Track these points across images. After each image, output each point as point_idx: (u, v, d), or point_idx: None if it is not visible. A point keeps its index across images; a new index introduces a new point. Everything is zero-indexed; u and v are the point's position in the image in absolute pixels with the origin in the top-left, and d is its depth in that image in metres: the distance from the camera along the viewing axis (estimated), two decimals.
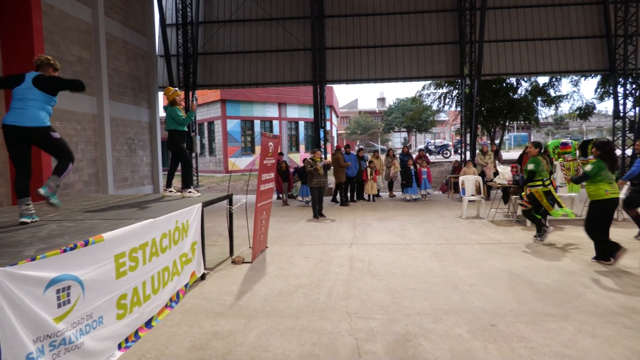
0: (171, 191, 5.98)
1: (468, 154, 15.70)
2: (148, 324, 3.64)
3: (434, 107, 25.38)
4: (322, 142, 16.08)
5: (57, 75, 4.01)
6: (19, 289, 2.36)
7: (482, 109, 20.13)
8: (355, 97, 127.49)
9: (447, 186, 13.98)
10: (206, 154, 28.01)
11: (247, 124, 27.34)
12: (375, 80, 16.64)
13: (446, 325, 3.58)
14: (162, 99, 25.63)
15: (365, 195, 12.89)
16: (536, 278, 4.84)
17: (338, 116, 45.49)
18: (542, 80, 21.98)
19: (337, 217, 9.77)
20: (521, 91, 22.24)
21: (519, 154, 11.18)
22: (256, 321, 3.75)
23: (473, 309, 3.93)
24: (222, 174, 25.72)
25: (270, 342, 3.34)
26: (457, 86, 20.60)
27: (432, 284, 4.70)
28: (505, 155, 20.05)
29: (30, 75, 3.76)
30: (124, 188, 12.37)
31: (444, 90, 22.71)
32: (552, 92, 22.27)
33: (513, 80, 21.33)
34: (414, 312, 3.90)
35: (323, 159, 10.14)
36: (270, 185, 6.51)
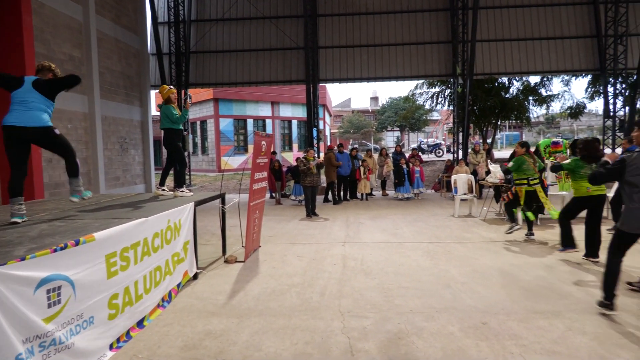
0: (164, 190, 5.95)
1: (460, 152, 15.80)
2: (140, 323, 3.62)
3: (427, 106, 25.54)
4: (315, 141, 16.08)
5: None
6: (8, 289, 2.33)
7: (474, 108, 20.28)
8: (348, 96, 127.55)
9: (439, 185, 14.04)
10: (199, 153, 27.89)
11: (240, 123, 27.26)
12: (368, 79, 16.68)
13: (438, 324, 3.60)
14: (155, 98, 25.59)
15: (359, 194, 12.91)
16: (527, 276, 4.88)
17: (331, 115, 45.52)
18: (533, 79, 22.28)
19: (330, 216, 9.77)
20: (513, 90, 22.49)
21: (510, 153, 11.25)
22: (249, 320, 3.75)
23: (465, 307, 3.96)
24: (214, 173, 25.61)
25: (263, 341, 3.34)
26: (449, 85, 20.71)
27: (424, 283, 4.73)
28: (497, 154, 20.22)
29: (29, 79, 3.82)
30: (115, 187, 12.27)
31: (437, 89, 22.86)
32: (543, 92, 22.56)
33: (505, 79, 21.54)
34: (407, 310, 3.92)
35: (316, 158, 10.14)
36: (263, 184, 6.50)
